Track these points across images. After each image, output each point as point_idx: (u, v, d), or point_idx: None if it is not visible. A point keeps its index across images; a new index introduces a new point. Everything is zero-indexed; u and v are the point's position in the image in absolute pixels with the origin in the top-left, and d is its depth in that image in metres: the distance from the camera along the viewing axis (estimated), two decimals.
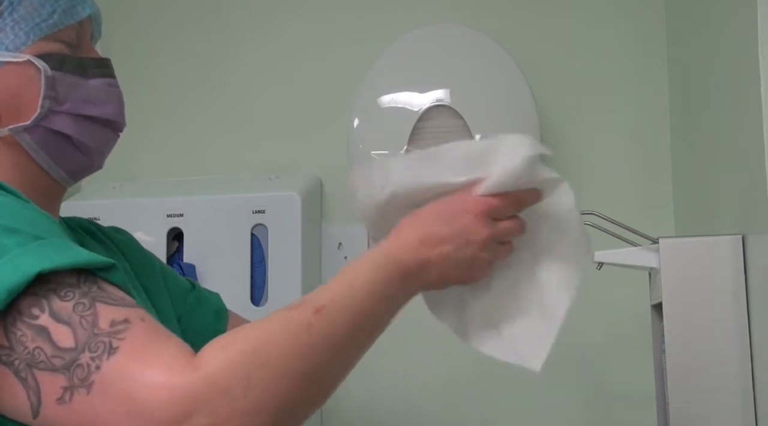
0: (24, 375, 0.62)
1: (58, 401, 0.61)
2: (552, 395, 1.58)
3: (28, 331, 0.62)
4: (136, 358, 0.61)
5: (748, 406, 1.05)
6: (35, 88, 0.80)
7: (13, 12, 0.80)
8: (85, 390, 0.61)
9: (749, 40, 1.01)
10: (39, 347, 0.61)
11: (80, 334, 0.62)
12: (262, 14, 1.78)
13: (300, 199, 1.55)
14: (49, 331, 0.62)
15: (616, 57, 1.64)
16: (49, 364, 0.61)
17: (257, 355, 0.63)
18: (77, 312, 0.63)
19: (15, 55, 0.79)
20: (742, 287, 1.08)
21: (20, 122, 0.80)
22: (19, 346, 0.62)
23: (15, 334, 0.62)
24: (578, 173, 1.63)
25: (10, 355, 0.62)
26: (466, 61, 1.47)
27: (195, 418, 0.59)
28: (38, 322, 0.62)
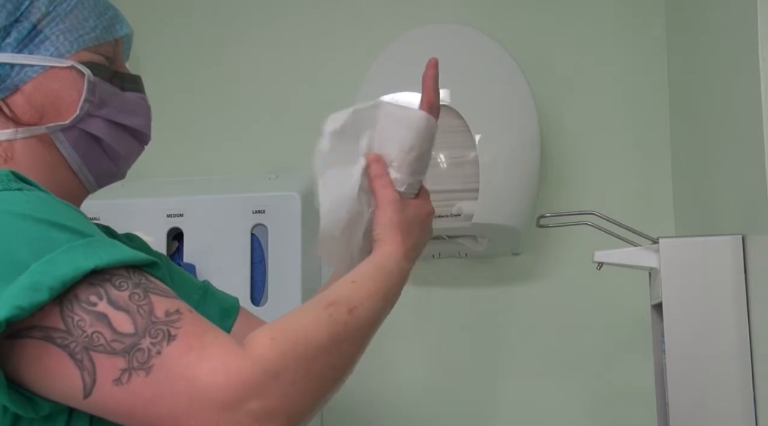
0: (80, 357, 0.65)
1: (115, 382, 0.65)
2: (552, 395, 1.58)
3: (87, 316, 0.65)
4: (193, 346, 0.66)
5: (748, 406, 1.05)
6: (75, 92, 0.85)
7: (60, 23, 0.86)
8: (145, 372, 0.65)
9: (749, 40, 1.01)
10: (98, 332, 0.65)
11: (139, 321, 0.66)
12: (262, 14, 1.78)
13: (300, 199, 1.55)
14: (108, 317, 0.66)
15: (616, 57, 1.64)
16: (109, 347, 0.65)
17: (304, 348, 0.70)
18: (134, 301, 0.67)
19: (59, 60, 0.85)
20: (742, 287, 1.08)
21: (58, 121, 0.85)
22: (77, 330, 0.65)
23: (72, 319, 0.65)
24: (578, 173, 1.63)
25: (66, 339, 0.65)
26: (466, 61, 1.47)
27: (249, 402, 0.65)
28: (97, 309, 0.66)
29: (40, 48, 0.85)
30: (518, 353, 1.60)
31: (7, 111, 0.83)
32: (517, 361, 1.60)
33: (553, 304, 1.60)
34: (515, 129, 1.45)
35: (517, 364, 1.60)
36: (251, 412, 0.65)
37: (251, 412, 0.65)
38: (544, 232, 1.55)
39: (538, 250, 1.62)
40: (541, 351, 1.59)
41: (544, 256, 1.62)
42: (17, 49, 0.84)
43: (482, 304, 1.63)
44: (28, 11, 0.85)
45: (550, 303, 1.60)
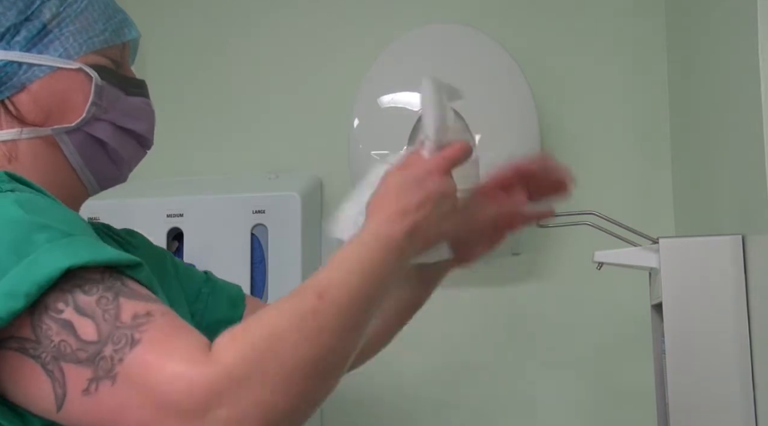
0: (51, 367, 0.63)
1: (84, 392, 0.63)
2: (552, 395, 1.58)
3: (53, 324, 0.64)
4: (156, 351, 0.63)
5: (748, 406, 1.05)
6: (82, 94, 0.85)
7: (69, 24, 0.86)
8: (110, 381, 0.62)
9: (749, 40, 1.01)
10: (64, 340, 0.63)
11: (103, 327, 0.64)
12: (262, 14, 1.78)
13: (300, 199, 1.55)
14: (73, 324, 0.64)
15: (616, 57, 1.64)
16: (75, 356, 0.63)
17: (269, 347, 0.64)
18: (100, 306, 0.65)
19: (67, 62, 0.85)
20: (742, 287, 1.08)
21: (63, 124, 0.84)
22: (46, 340, 0.64)
23: (41, 328, 0.64)
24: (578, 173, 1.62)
25: (36, 349, 0.64)
26: (466, 61, 1.47)
27: (216, 410, 0.61)
28: (63, 316, 0.64)
29: (48, 48, 0.85)
30: (518, 353, 1.60)
31: (12, 109, 0.83)
32: (517, 360, 1.60)
33: (553, 304, 1.60)
34: (515, 129, 1.45)
35: (517, 363, 1.60)
36: (219, 420, 0.61)
37: (219, 420, 0.61)
38: (544, 232, 1.55)
39: (538, 250, 1.62)
40: (541, 351, 1.59)
41: (544, 256, 1.62)
42: (26, 48, 0.84)
43: (482, 304, 1.63)
44: (38, 11, 0.85)
45: (550, 303, 1.60)
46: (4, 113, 0.83)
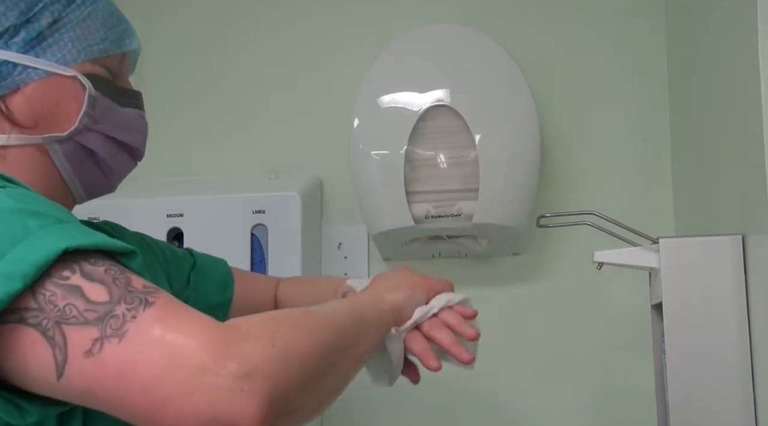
0: (51, 333, 0.62)
1: (86, 354, 0.61)
2: (552, 395, 1.58)
3: (59, 290, 0.63)
4: (170, 313, 0.63)
5: (748, 406, 1.05)
6: (74, 103, 0.85)
7: (69, 31, 0.86)
8: (117, 339, 0.61)
9: (749, 40, 1.01)
10: (70, 304, 0.62)
11: (115, 290, 0.63)
12: (262, 14, 1.78)
13: (300, 199, 1.55)
14: (81, 288, 0.63)
15: (616, 57, 1.64)
16: (81, 318, 0.62)
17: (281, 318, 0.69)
18: (109, 274, 0.65)
19: (63, 68, 0.85)
20: (742, 287, 1.08)
21: (54, 132, 0.85)
22: (48, 306, 0.62)
23: (44, 295, 0.63)
24: (578, 173, 1.63)
25: (38, 317, 0.62)
26: (466, 61, 1.47)
27: (228, 364, 0.60)
28: (69, 282, 0.63)
29: (46, 52, 0.85)
30: (518, 353, 1.60)
31: (3, 109, 0.83)
32: (517, 361, 1.60)
33: (553, 304, 1.60)
34: (515, 129, 1.45)
35: (517, 364, 1.60)
36: (230, 374, 0.60)
37: (230, 374, 0.60)
38: (544, 232, 1.55)
39: (538, 250, 1.62)
40: (541, 351, 1.59)
41: (544, 256, 1.62)
42: (23, 50, 0.84)
43: (482, 304, 1.63)
44: (40, 14, 0.85)
45: (550, 303, 1.60)
46: None
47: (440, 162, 1.43)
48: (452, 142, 1.43)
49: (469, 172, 1.42)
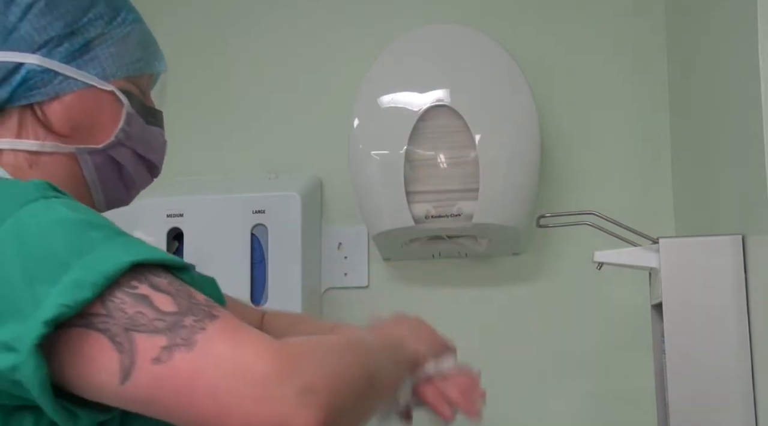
0: (120, 339, 0.64)
1: (154, 361, 0.64)
2: (552, 395, 1.58)
3: (128, 298, 0.66)
4: (235, 327, 0.66)
5: (748, 406, 1.05)
6: (110, 117, 0.89)
7: (110, 46, 0.89)
8: (187, 348, 0.64)
9: (749, 40, 1.01)
10: (140, 312, 0.65)
11: (181, 302, 0.67)
12: (262, 14, 1.78)
13: (300, 199, 1.55)
14: (150, 297, 0.66)
15: (616, 57, 1.64)
16: (150, 326, 0.65)
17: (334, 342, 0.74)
18: (173, 286, 0.68)
19: (102, 82, 0.88)
20: (742, 287, 1.08)
21: (88, 143, 0.87)
22: (118, 313, 0.65)
23: (114, 302, 0.65)
24: (578, 173, 1.63)
25: (106, 322, 0.65)
26: (466, 61, 1.47)
27: (292, 378, 0.64)
28: (138, 292, 0.66)
29: (87, 65, 0.87)
30: (518, 353, 1.60)
31: (41, 115, 0.85)
32: (517, 361, 1.59)
33: (553, 304, 1.60)
34: (515, 129, 1.45)
35: (516, 364, 1.59)
36: (294, 388, 0.63)
37: (294, 388, 0.63)
38: (544, 232, 1.55)
39: (538, 250, 1.62)
40: (541, 351, 1.59)
41: (544, 256, 1.62)
42: (65, 60, 0.86)
43: (482, 304, 1.63)
44: (85, 27, 0.87)
45: (550, 303, 1.60)
46: (32, 119, 0.85)
47: (440, 162, 1.43)
48: (452, 142, 1.43)
49: (469, 172, 1.42)
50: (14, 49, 0.84)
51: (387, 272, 1.66)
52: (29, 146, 0.85)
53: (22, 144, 0.85)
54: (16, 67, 0.84)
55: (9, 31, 0.84)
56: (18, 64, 0.84)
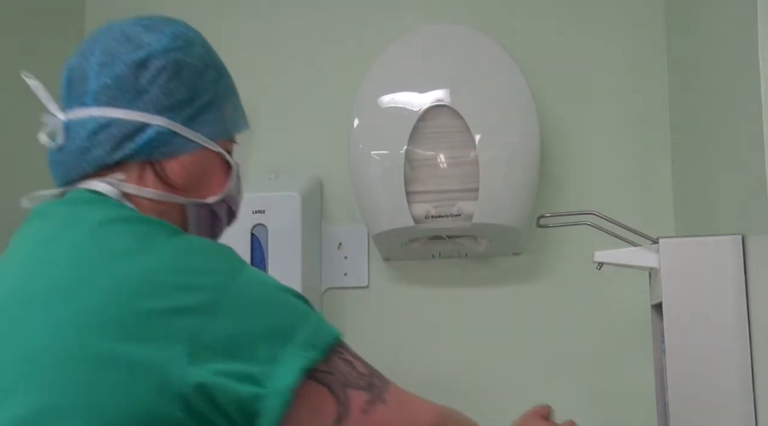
0: (338, 392, 0.82)
1: (362, 411, 0.83)
2: (552, 395, 1.57)
3: (340, 361, 0.83)
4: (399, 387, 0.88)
5: (748, 406, 1.05)
6: (217, 175, 0.98)
7: (217, 110, 0.97)
8: (382, 403, 0.84)
9: (749, 40, 1.01)
10: (349, 371, 0.83)
11: (368, 366, 0.86)
12: (262, 14, 1.78)
13: (300, 199, 1.55)
14: (352, 362, 0.84)
15: (616, 57, 1.64)
16: (357, 384, 0.83)
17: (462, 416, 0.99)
18: (356, 355, 0.86)
19: (212, 143, 0.96)
20: (742, 287, 1.08)
21: (196, 197, 0.96)
22: (336, 371, 0.82)
23: (332, 362, 0.82)
24: (578, 173, 1.63)
25: (326, 377, 0.82)
26: (466, 61, 1.47)
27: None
28: (345, 357, 0.84)
29: (201, 128, 0.94)
30: (518, 353, 1.60)
31: (159, 171, 0.92)
32: (517, 360, 1.60)
33: (553, 304, 1.60)
34: (515, 129, 1.45)
35: (516, 363, 1.60)
36: None
37: None
38: (544, 232, 1.55)
39: (538, 250, 1.62)
40: (541, 351, 1.59)
41: (544, 256, 1.62)
42: (184, 123, 0.93)
43: (482, 304, 1.63)
44: (200, 93, 0.95)
45: (550, 303, 1.60)
46: (151, 173, 0.92)
47: (440, 162, 1.43)
48: (452, 142, 1.43)
49: (469, 172, 1.42)
50: (142, 110, 0.90)
51: (387, 272, 1.66)
52: (150, 194, 0.91)
53: (144, 191, 0.91)
54: (142, 126, 0.90)
55: (139, 93, 0.90)
56: (144, 124, 0.90)
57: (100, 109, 0.90)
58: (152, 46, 0.92)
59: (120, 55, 0.91)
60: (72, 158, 0.91)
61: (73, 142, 0.90)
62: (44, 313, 0.77)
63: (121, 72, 0.90)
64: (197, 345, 0.76)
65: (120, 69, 0.90)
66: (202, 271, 0.80)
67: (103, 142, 0.89)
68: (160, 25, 0.95)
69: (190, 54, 0.95)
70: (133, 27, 0.94)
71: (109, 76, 0.90)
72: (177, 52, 0.93)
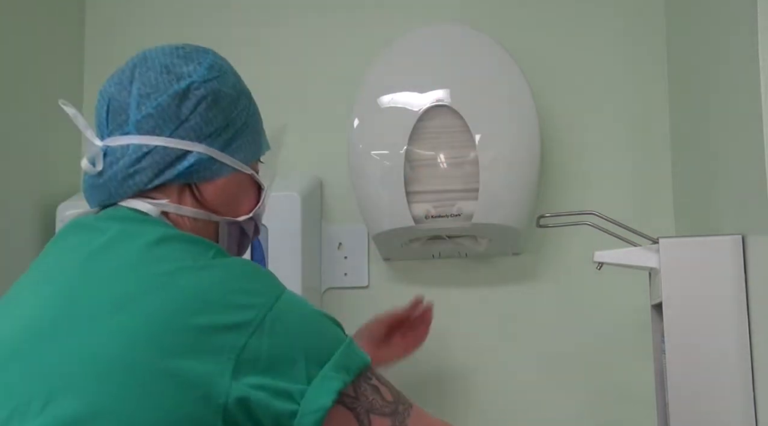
0: (362, 418, 0.85)
1: None
2: (552, 395, 1.58)
3: (368, 387, 0.87)
4: (422, 411, 0.90)
5: (748, 406, 1.05)
6: (248, 196, 1.04)
7: (248, 135, 1.02)
8: None
9: (749, 40, 1.01)
10: (375, 399, 0.87)
11: (393, 393, 0.89)
12: (261, 15, 1.78)
13: (300, 199, 1.55)
14: (379, 389, 0.88)
15: (616, 57, 1.64)
16: (382, 411, 0.87)
17: None
18: (384, 380, 0.89)
19: (244, 167, 1.02)
20: (742, 287, 1.08)
21: (228, 215, 1.01)
22: (363, 397, 0.86)
23: (360, 389, 0.86)
24: (578, 173, 1.63)
25: (353, 403, 0.85)
26: (466, 61, 1.47)
27: None
28: (372, 383, 0.88)
29: (235, 153, 1.00)
30: (518, 353, 1.60)
31: (197, 194, 0.97)
32: (517, 360, 1.60)
33: (553, 304, 1.60)
34: (515, 129, 1.45)
35: (516, 363, 1.60)
36: None
37: None
38: (544, 232, 1.55)
39: (538, 250, 1.62)
40: (541, 351, 1.59)
41: (544, 256, 1.62)
42: (221, 149, 0.98)
43: (482, 304, 1.63)
44: (234, 119, 1.00)
45: (550, 303, 1.60)
46: (189, 194, 0.97)
47: (440, 162, 1.43)
48: (452, 142, 1.43)
49: (469, 172, 1.42)
50: (183, 138, 0.96)
51: (387, 272, 1.66)
52: (190, 213, 0.97)
53: (182, 210, 0.96)
54: (183, 153, 0.95)
55: (182, 122, 0.96)
56: (186, 151, 0.95)
57: (143, 137, 0.95)
58: (192, 77, 0.97)
59: (161, 86, 0.96)
60: (113, 183, 0.95)
61: (114, 168, 0.95)
62: (100, 323, 0.81)
63: (163, 102, 0.95)
64: (241, 360, 0.81)
65: (162, 99, 0.95)
66: (249, 292, 0.85)
67: (146, 168, 0.94)
68: (196, 56, 1.00)
69: (225, 83, 1.00)
70: (171, 58, 0.98)
71: (152, 106, 0.95)
72: (214, 82, 0.98)
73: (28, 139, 1.59)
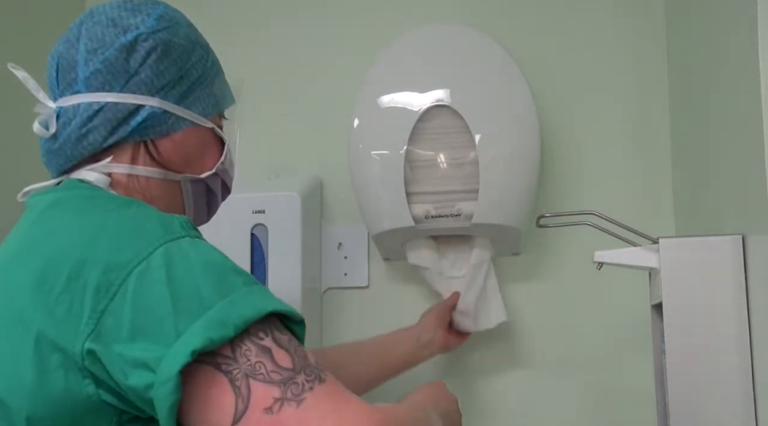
0: (239, 384, 0.71)
1: (266, 410, 0.70)
2: (552, 395, 1.58)
3: (254, 347, 0.72)
4: (340, 391, 0.74)
5: (748, 406, 1.05)
6: (210, 151, 1.00)
7: (206, 87, 0.99)
8: (296, 404, 0.71)
9: (749, 40, 1.01)
10: (261, 362, 0.72)
11: (297, 361, 0.73)
12: (262, 13, 1.78)
13: (300, 199, 1.55)
14: (272, 351, 0.73)
15: (616, 57, 1.64)
16: (268, 377, 0.71)
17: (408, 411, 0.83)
18: (292, 344, 0.75)
19: (204, 120, 0.98)
20: (742, 287, 1.08)
21: (190, 173, 0.98)
22: (242, 358, 0.72)
23: (240, 349, 0.72)
24: (578, 173, 1.63)
25: (230, 366, 0.71)
26: (466, 61, 1.47)
27: None
28: (263, 343, 0.73)
29: (193, 105, 0.97)
30: (518, 353, 1.60)
31: (153, 151, 0.94)
32: (517, 360, 1.60)
33: (553, 304, 1.60)
34: (515, 129, 1.45)
35: (516, 363, 1.60)
36: None
37: None
38: (544, 232, 1.55)
39: (538, 250, 1.62)
40: (541, 351, 1.59)
41: (544, 256, 1.62)
42: (176, 102, 0.95)
43: None
44: (189, 71, 0.97)
45: (550, 303, 1.60)
46: (144, 152, 0.93)
47: (440, 162, 1.43)
48: (452, 142, 1.43)
49: (469, 172, 1.42)
50: (135, 92, 0.92)
51: (387, 272, 1.66)
52: (143, 172, 0.93)
53: (136, 170, 0.93)
54: (136, 108, 0.92)
55: (131, 76, 0.92)
56: (138, 106, 0.92)
57: (93, 94, 0.91)
58: (139, 29, 0.93)
59: (108, 40, 0.92)
60: (68, 146, 0.92)
61: (68, 130, 0.91)
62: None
63: (110, 56, 0.91)
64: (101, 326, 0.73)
65: (109, 53, 0.91)
66: (118, 249, 0.76)
67: (98, 127, 0.91)
68: (145, 8, 0.96)
69: (177, 34, 0.96)
70: (118, 11, 0.94)
71: (99, 61, 0.91)
72: (164, 32, 0.95)
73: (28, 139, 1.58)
